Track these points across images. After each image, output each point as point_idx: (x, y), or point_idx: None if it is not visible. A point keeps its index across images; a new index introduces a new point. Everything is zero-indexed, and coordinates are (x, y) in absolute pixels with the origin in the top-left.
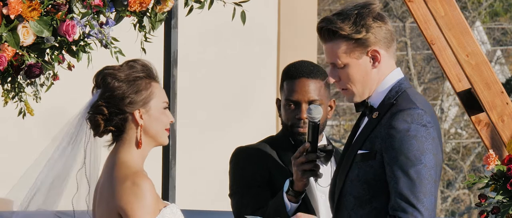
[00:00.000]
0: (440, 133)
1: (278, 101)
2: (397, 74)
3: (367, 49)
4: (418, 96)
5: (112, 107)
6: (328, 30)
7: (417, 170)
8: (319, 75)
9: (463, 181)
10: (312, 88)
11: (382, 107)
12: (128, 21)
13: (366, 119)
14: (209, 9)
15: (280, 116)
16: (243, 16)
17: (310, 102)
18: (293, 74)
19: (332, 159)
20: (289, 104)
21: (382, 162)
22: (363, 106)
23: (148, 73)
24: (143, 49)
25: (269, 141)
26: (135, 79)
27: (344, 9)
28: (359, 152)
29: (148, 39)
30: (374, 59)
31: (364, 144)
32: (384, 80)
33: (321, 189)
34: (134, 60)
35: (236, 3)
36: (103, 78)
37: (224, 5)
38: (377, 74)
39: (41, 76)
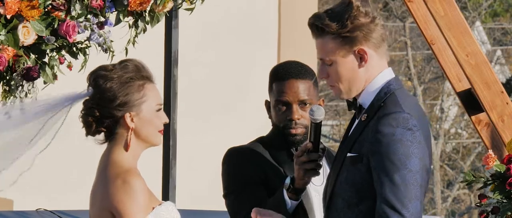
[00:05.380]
0: (430, 136)
1: (267, 102)
2: (387, 75)
3: (354, 48)
4: (407, 99)
5: (103, 109)
6: (316, 27)
7: (402, 175)
8: (308, 75)
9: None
10: (302, 88)
11: (371, 110)
12: (125, 19)
13: (357, 120)
14: (191, 13)
15: (270, 117)
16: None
17: (300, 102)
18: (282, 76)
19: (324, 158)
20: (280, 106)
21: (369, 166)
22: (354, 106)
23: (141, 74)
24: (126, 49)
25: (261, 141)
26: (127, 81)
27: (335, 6)
28: (348, 155)
29: (135, 42)
30: (361, 58)
31: (353, 146)
32: (374, 80)
33: (314, 187)
34: (127, 60)
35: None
36: (95, 80)
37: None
38: (365, 73)
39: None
